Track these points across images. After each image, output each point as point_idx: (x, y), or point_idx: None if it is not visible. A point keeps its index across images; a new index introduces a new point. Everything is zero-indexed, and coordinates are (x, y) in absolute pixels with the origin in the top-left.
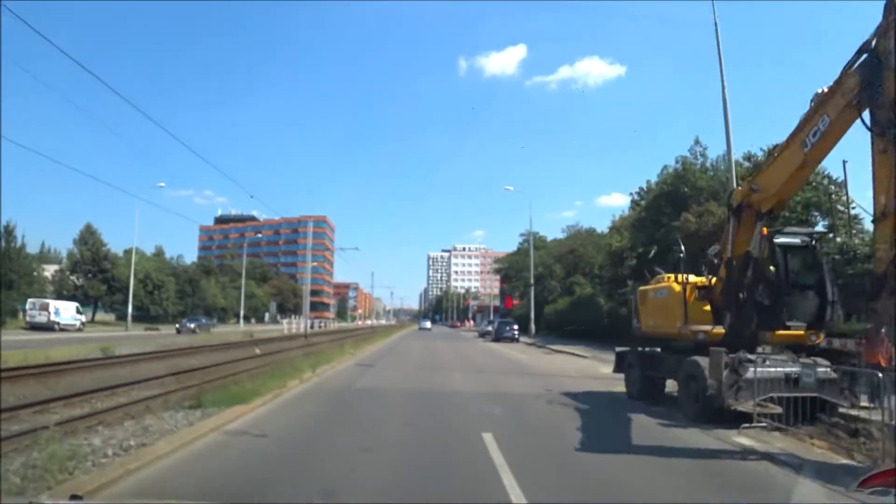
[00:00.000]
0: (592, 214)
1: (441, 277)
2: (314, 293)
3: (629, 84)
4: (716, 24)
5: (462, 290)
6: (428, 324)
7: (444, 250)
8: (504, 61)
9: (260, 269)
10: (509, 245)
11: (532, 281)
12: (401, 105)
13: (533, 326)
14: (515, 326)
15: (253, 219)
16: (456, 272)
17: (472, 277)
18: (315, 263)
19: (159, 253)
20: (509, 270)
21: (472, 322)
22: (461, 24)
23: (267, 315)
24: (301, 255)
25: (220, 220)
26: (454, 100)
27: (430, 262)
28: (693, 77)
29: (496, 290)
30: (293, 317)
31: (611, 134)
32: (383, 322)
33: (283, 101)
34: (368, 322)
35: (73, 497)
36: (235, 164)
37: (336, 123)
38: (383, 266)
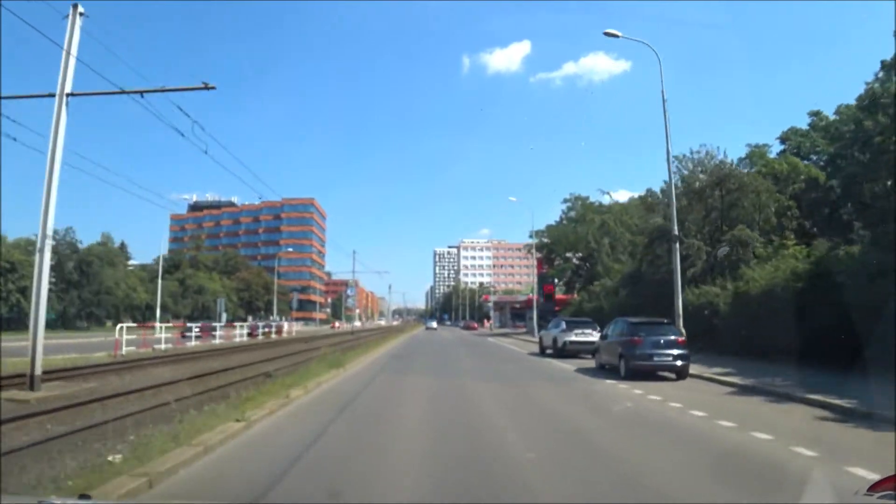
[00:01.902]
0: None
1: (448, 275)
2: (297, 290)
3: (635, 79)
4: None
5: (474, 286)
6: (434, 324)
7: (450, 247)
8: (508, 58)
9: (233, 261)
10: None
11: (677, 232)
12: (402, 104)
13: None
14: (679, 337)
15: (231, 204)
16: (466, 266)
17: (483, 272)
18: (292, 253)
19: (106, 241)
20: (554, 247)
21: (490, 322)
22: (464, 20)
23: (224, 315)
24: (285, 244)
25: (195, 208)
26: (457, 98)
27: (437, 259)
28: (699, 72)
29: (518, 283)
30: (256, 317)
31: (616, 130)
32: (381, 323)
33: (284, 101)
34: (356, 324)
35: (82, 496)
36: (238, 164)
37: (338, 123)
38: (387, 266)
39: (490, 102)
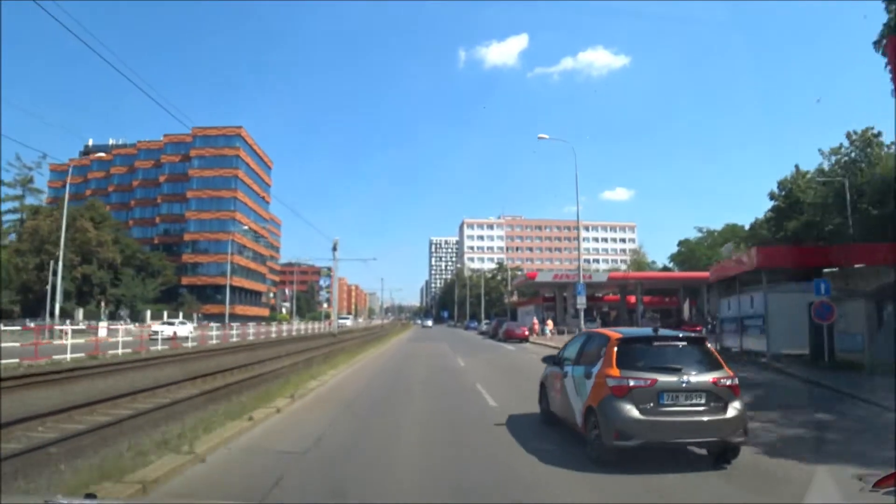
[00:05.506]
0: (597, 210)
1: (446, 266)
2: (215, 271)
3: (634, 75)
4: None
5: (483, 272)
6: (430, 322)
7: (449, 237)
8: (505, 52)
9: (109, 222)
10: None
11: None
12: (395, 98)
13: None
14: None
15: (131, 146)
16: (470, 248)
17: (494, 255)
18: (204, 213)
19: None
20: None
21: (549, 323)
22: (460, 13)
23: None
24: (194, 197)
25: (86, 153)
26: (453, 92)
27: (433, 249)
28: (700, 68)
29: (539, 270)
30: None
31: (615, 127)
32: (346, 323)
33: (280, 96)
34: (194, 330)
35: (88, 496)
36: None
37: (335, 119)
38: (381, 265)
39: (487, 97)
